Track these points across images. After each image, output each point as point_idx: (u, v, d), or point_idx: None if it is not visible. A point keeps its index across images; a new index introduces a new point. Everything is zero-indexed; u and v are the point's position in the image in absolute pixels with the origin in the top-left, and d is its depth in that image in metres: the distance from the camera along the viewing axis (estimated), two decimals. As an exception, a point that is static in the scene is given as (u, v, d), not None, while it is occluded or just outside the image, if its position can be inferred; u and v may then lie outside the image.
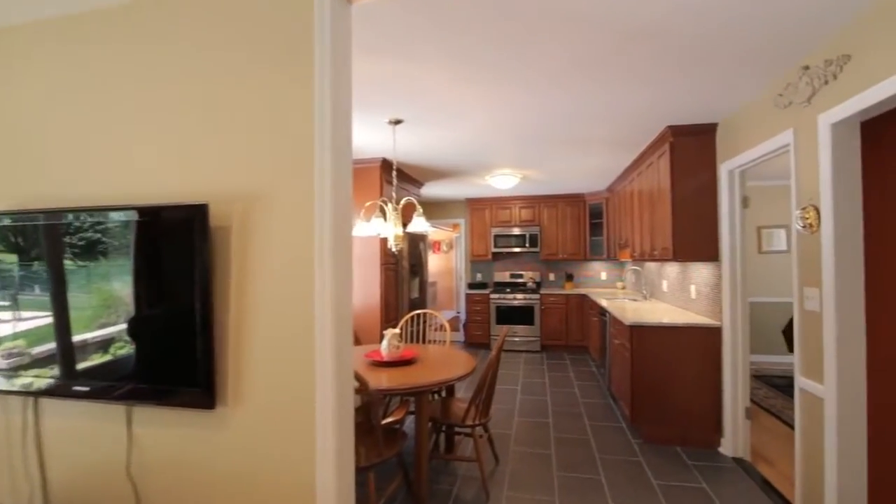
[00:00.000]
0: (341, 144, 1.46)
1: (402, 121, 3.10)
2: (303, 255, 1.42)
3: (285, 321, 1.44)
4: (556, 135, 3.53)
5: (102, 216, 1.53)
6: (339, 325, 1.42)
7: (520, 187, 6.13)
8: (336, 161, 1.42)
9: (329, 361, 1.39)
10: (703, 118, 3.17)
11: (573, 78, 2.43)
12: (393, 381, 2.44)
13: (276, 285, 1.45)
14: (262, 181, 1.47)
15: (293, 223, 1.43)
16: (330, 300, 1.39)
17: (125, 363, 1.55)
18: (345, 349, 1.45)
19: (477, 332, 6.74)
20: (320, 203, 1.40)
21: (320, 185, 1.40)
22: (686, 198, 3.33)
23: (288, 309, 1.43)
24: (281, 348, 1.44)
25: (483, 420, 2.71)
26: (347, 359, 1.48)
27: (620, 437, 3.42)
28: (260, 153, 1.47)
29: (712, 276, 3.36)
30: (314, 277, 1.40)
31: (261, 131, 1.47)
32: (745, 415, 3.05)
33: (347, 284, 1.48)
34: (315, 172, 1.40)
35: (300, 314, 1.42)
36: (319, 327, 1.39)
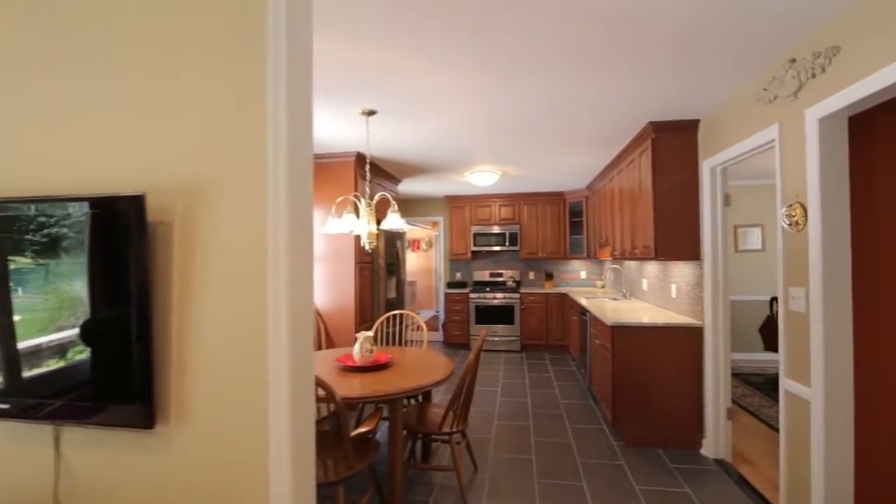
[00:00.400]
0: (299, 129, 1.30)
1: (375, 112, 2.93)
2: (254, 253, 1.25)
3: (236, 328, 1.27)
4: (536, 129, 3.42)
5: (20, 208, 1.33)
6: (296, 330, 1.26)
7: (500, 185, 6.03)
8: (293, 148, 1.26)
9: (284, 372, 1.23)
10: (686, 114, 3.11)
11: (553, 67, 2.32)
12: (365, 388, 2.29)
13: (224, 288, 1.28)
14: (208, 170, 1.29)
15: (244, 217, 1.26)
16: (285, 303, 1.22)
17: (53, 378, 1.36)
18: (303, 357, 1.29)
19: (456, 333, 6.61)
20: (274, 195, 1.23)
21: (274, 175, 1.23)
22: (668, 195, 3.27)
23: (238, 314, 1.27)
24: (231, 358, 1.27)
25: (461, 427, 2.58)
26: (306, 367, 1.32)
27: (602, 439, 3.34)
28: (205, 138, 1.29)
29: (693, 274, 3.31)
30: (267, 278, 1.23)
31: (206, 114, 1.29)
32: (726, 415, 3.00)
33: (306, 286, 1.32)
34: (268, 160, 1.24)
35: (252, 320, 1.25)
36: (273, 334, 1.23)
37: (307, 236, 1.34)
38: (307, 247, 1.33)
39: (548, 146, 3.94)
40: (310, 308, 1.34)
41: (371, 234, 2.82)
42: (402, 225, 2.75)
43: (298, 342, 1.27)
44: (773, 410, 3.93)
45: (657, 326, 3.24)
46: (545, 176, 5.43)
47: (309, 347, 1.34)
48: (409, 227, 2.91)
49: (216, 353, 1.28)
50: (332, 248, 4.13)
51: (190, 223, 1.30)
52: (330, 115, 3.02)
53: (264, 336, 1.24)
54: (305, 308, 1.31)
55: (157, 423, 1.30)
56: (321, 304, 4.14)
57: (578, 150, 4.08)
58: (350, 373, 2.58)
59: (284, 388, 1.23)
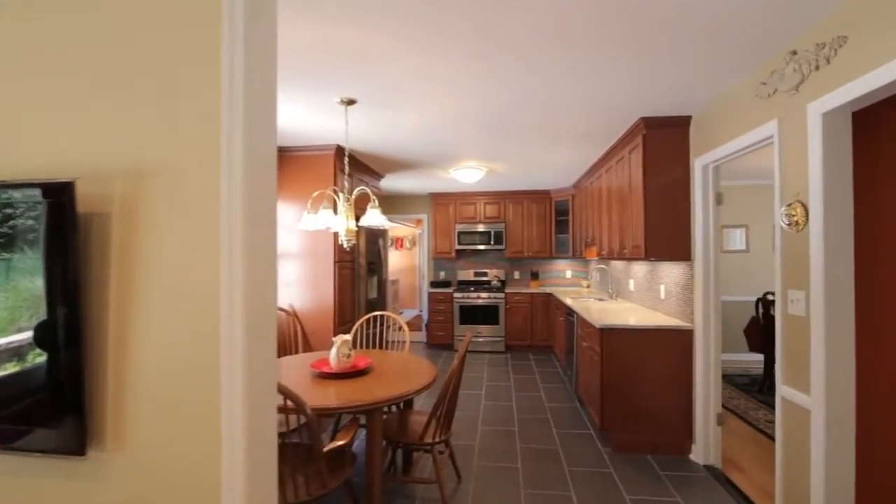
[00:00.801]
0: (259, 111, 1.12)
1: (355, 101, 2.75)
2: (206, 248, 1.08)
3: (184, 334, 1.09)
4: (523, 123, 3.29)
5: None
6: (254, 335, 1.09)
7: (485, 182, 5.89)
8: (251, 132, 1.09)
9: (239, 383, 1.06)
10: (678, 110, 3.01)
11: (541, 53, 2.18)
12: (341, 398, 2.12)
13: (171, 288, 1.10)
14: (153, 156, 1.11)
15: (194, 208, 1.09)
16: (241, 306, 1.05)
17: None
18: (262, 366, 1.12)
19: (440, 333, 6.46)
20: (229, 184, 1.06)
21: (229, 162, 1.06)
22: (659, 194, 3.17)
23: (188, 318, 1.09)
24: (179, 369, 1.09)
25: (444, 436, 2.43)
26: (266, 377, 1.15)
27: (590, 445, 3.23)
28: (150, 121, 1.11)
29: (683, 275, 3.23)
30: (220, 277, 1.06)
31: (151, 94, 1.11)
32: (716, 420, 2.92)
33: (267, 286, 1.15)
34: (223, 145, 1.06)
35: (203, 324, 1.08)
36: (227, 339, 1.06)
37: (268, 230, 1.17)
38: (268, 242, 1.16)
39: (535, 141, 3.81)
40: (271, 311, 1.17)
41: (349, 231, 2.65)
42: (383, 221, 2.58)
43: (257, 349, 1.10)
44: (760, 413, 3.89)
45: (647, 329, 3.14)
46: (531, 173, 5.32)
47: (270, 354, 1.17)
48: (390, 224, 2.74)
49: (161, 362, 1.10)
50: (309, 246, 3.93)
51: (132, 215, 1.12)
52: (307, 104, 2.82)
53: (217, 342, 1.07)
54: (265, 311, 1.14)
55: (90, 448, 1.12)
56: (298, 305, 3.95)
57: (566, 146, 3.97)
58: (325, 380, 2.40)
59: (239, 402, 1.06)
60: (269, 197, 1.17)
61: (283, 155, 3.95)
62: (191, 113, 1.09)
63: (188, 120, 1.09)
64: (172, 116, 1.10)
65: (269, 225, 1.17)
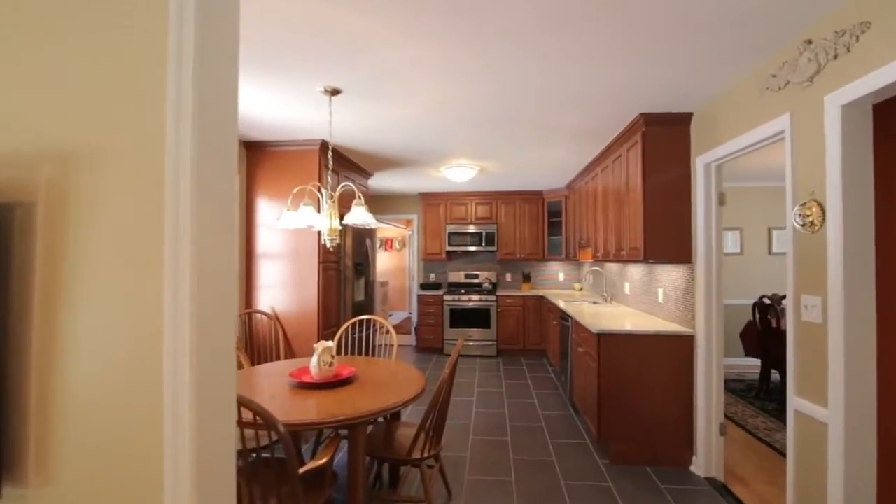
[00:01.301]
0: (215, 84, 0.95)
1: (340, 91, 2.58)
2: (149, 245, 0.90)
3: (122, 344, 0.91)
4: (516, 118, 3.14)
5: None
6: (206, 349, 0.91)
7: (477, 182, 5.74)
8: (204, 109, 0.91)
9: (187, 404, 0.88)
10: (678, 106, 2.89)
11: (535, 40, 2.03)
12: (322, 411, 1.94)
13: (107, 292, 0.92)
14: (84, 133, 0.93)
15: (133, 196, 0.91)
16: (191, 313, 0.88)
17: None
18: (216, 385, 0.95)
19: (429, 336, 6.28)
20: (176, 169, 0.88)
21: (176, 139, 0.88)
22: (658, 194, 3.04)
23: (127, 326, 0.91)
24: (116, 386, 0.91)
25: (433, 451, 2.26)
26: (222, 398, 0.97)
27: (586, 456, 3.08)
28: (82, 88, 0.93)
29: (683, 278, 3.10)
30: (164, 279, 0.88)
31: (80, 55, 0.93)
32: (718, 430, 2.79)
33: (225, 287, 0.98)
34: (168, 122, 0.88)
35: (145, 332, 0.90)
36: (171, 354, 0.88)
37: (225, 226, 0.99)
38: (225, 239, 0.99)
39: (528, 138, 3.67)
40: (229, 318, 1.00)
41: (333, 231, 2.47)
42: (369, 219, 2.41)
43: (210, 362, 0.92)
44: (759, 420, 3.77)
45: (647, 334, 3.00)
46: (524, 173, 5.18)
47: (227, 368, 0.99)
48: (377, 224, 2.57)
49: (95, 379, 0.92)
50: (292, 246, 3.74)
51: (61, 205, 0.94)
52: (288, 93, 2.64)
53: (161, 356, 0.89)
54: (222, 316, 0.96)
55: (6, 484, 0.93)
56: (280, 308, 3.75)
57: (560, 143, 3.83)
58: (305, 390, 2.22)
59: (187, 427, 0.88)
60: (226, 189, 0.99)
61: (265, 150, 3.75)
62: (133, 86, 0.91)
63: (130, 95, 0.91)
64: (111, 90, 0.92)
65: (227, 221, 0.99)
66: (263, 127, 3.32)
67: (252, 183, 3.79)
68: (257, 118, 3.11)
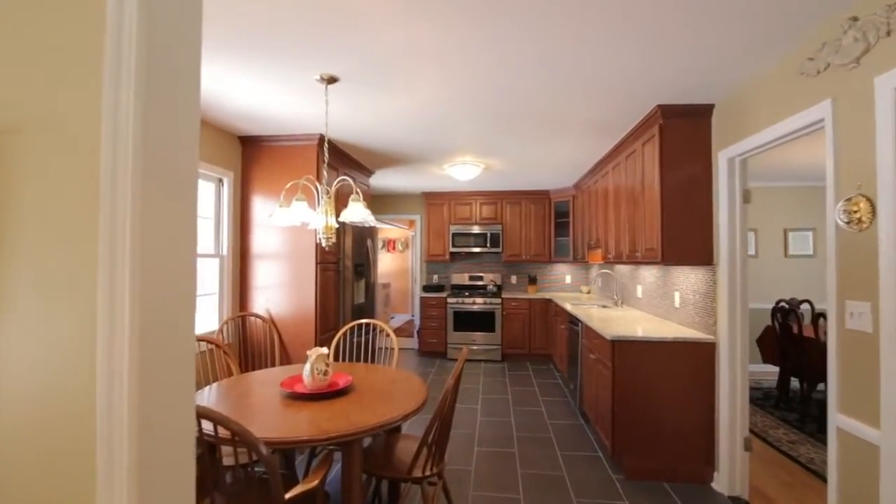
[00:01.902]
0: (168, 32, 0.77)
1: (336, 79, 2.41)
2: (80, 236, 0.72)
3: (44, 363, 0.73)
4: (523, 110, 2.96)
5: None
6: (151, 375, 0.73)
7: (481, 181, 5.57)
8: (151, 69, 0.74)
9: (125, 447, 0.70)
10: (699, 97, 2.70)
11: (546, 23, 1.85)
12: (314, 426, 1.76)
13: (28, 293, 0.74)
14: (7, 98, 0.76)
15: (60, 178, 0.73)
16: (130, 321, 0.70)
17: None
18: (167, 421, 0.77)
19: (432, 340, 6.10)
20: (114, 144, 0.71)
21: (114, 108, 0.71)
22: (677, 191, 2.85)
23: (50, 340, 0.73)
24: (36, 415, 0.73)
25: (436, 469, 2.07)
26: (178, 435, 0.80)
27: (599, 471, 2.89)
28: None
29: (703, 281, 2.91)
30: (98, 280, 0.71)
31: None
32: (743, 445, 2.59)
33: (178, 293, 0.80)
34: (105, 79, 0.71)
35: (75, 348, 0.72)
36: (106, 380, 0.70)
37: (182, 216, 0.81)
38: (182, 233, 0.81)
39: (535, 133, 3.48)
40: (187, 329, 0.82)
41: (329, 229, 2.29)
42: (367, 217, 2.23)
43: (159, 391, 0.75)
44: (780, 432, 3.57)
45: (665, 341, 2.81)
46: (530, 172, 5.00)
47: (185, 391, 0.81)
48: (376, 222, 2.39)
49: (9, 409, 0.74)
50: (289, 246, 3.57)
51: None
52: (281, 81, 2.47)
53: (94, 377, 0.71)
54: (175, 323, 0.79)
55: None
56: (276, 311, 3.58)
57: (569, 138, 3.64)
58: (297, 402, 2.04)
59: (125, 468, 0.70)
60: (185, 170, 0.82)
61: (261, 145, 3.59)
62: (63, 45, 0.73)
63: (58, 58, 0.73)
64: (34, 49, 0.74)
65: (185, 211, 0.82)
66: (258, 120, 3.16)
67: (247, 180, 3.62)
68: (251, 109, 2.95)
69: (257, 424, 1.76)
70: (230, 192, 3.48)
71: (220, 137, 3.36)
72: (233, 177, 3.51)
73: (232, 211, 3.50)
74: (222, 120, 3.15)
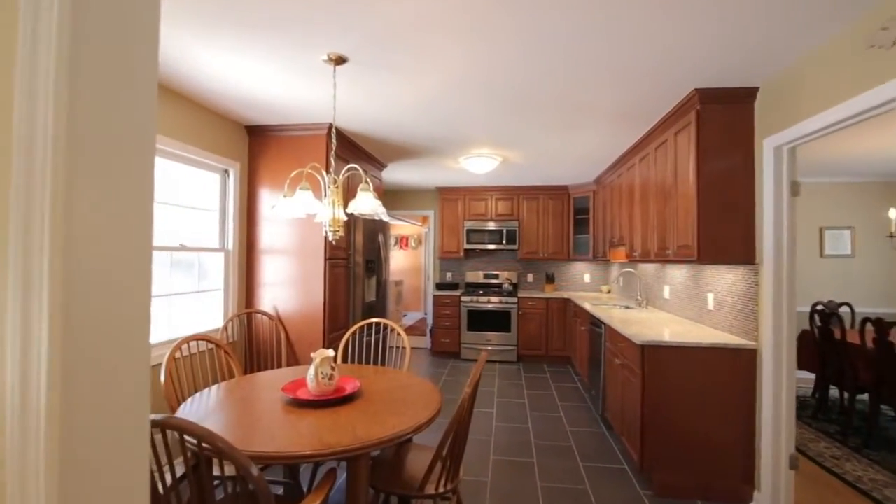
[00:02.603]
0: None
1: (345, 59, 2.22)
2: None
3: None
4: (543, 96, 2.74)
5: None
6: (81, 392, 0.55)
7: (497, 176, 5.35)
8: None
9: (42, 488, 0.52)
10: (741, 79, 2.45)
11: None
12: (315, 438, 1.58)
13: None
14: None
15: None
16: (49, 336, 0.52)
17: None
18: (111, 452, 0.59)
19: (445, 340, 5.91)
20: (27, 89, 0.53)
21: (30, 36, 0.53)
22: (715, 184, 2.61)
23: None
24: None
25: (451, 485, 1.88)
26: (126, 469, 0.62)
27: (626, 486, 2.67)
28: None
29: (742, 282, 2.66)
30: (6, 282, 0.53)
31: None
32: (789, 463, 2.35)
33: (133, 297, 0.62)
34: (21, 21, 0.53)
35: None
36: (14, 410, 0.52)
37: (131, 199, 0.63)
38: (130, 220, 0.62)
39: (556, 121, 3.26)
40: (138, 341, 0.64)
41: (336, 222, 2.11)
42: (377, 208, 2.05)
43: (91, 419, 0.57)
44: (822, 446, 3.30)
45: (700, 347, 2.58)
46: (549, 165, 4.77)
47: (136, 423, 0.63)
48: (387, 216, 2.21)
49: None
50: (297, 240, 3.41)
51: None
52: (286, 62, 2.30)
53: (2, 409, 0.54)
54: (122, 344, 0.60)
55: None
56: (283, 308, 3.43)
57: (593, 128, 3.41)
58: (299, 409, 1.87)
59: None
60: (137, 126, 0.63)
61: (268, 135, 3.44)
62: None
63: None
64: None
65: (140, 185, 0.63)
66: (265, 107, 3.00)
67: (254, 171, 3.48)
68: (257, 96, 2.78)
69: (253, 435, 1.59)
70: (236, 184, 3.33)
71: (226, 126, 3.22)
72: (239, 168, 3.36)
73: (238, 204, 3.35)
74: (227, 107, 3.00)
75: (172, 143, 2.70)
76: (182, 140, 2.79)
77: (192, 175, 3.02)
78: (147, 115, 0.64)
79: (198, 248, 3.05)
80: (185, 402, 1.96)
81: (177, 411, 1.86)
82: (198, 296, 3.08)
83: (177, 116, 2.75)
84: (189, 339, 2.25)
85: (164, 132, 2.65)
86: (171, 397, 2.03)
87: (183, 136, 2.80)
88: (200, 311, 3.11)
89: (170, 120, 2.69)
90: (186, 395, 2.44)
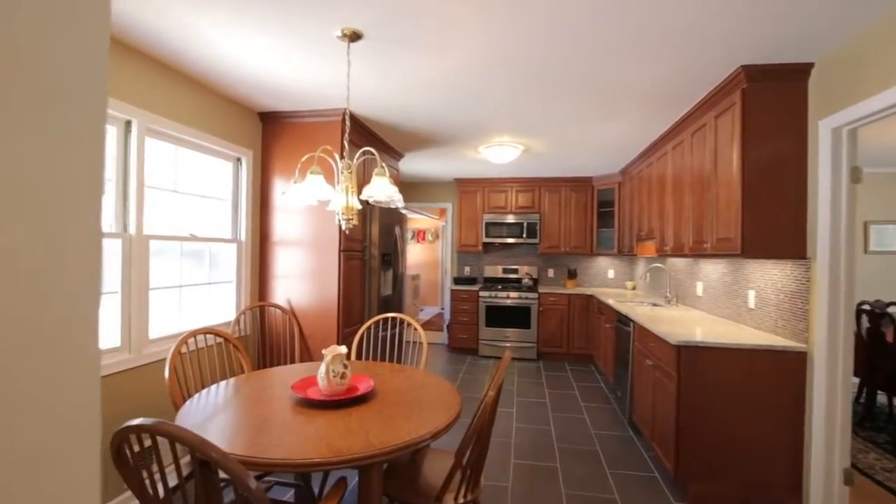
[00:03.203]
0: None
1: (360, 35, 2.07)
2: None
3: None
4: (572, 76, 2.55)
5: None
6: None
7: (518, 167, 5.16)
8: None
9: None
10: (793, 54, 2.22)
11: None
12: (324, 444, 1.45)
13: None
14: None
15: None
16: None
17: None
18: None
19: (463, 336, 5.77)
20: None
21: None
22: (761, 171, 2.38)
23: None
24: None
25: (472, 496, 1.74)
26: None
27: (658, 497, 2.48)
28: None
29: (791, 278, 2.43)
30: None
31: None
32: (843, 478, 2.13)
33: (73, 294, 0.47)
34: None
35: None
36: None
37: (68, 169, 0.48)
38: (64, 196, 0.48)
39: (583, 105, 3.05)
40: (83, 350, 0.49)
41: (349, 209, 1.97)
42: (392, 194, 1.90)
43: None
44: (871, 457, 3.04)
45: (743, 349, 2.36)
46: (572, 155, 4.55)
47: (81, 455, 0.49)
48: (403, 204, 2.06)
49: None
50: (311, 231, 3.29)
51: None
52: (297, 38, 2.16)
53: None
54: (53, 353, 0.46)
55: None
56: (297, 301, 3.32)
57: (622, 111, 3.19)
58: (309, 410, 1.74)
59: None
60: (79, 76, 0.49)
61: (282, 122, 3.32)
62: None
63: None
64: None
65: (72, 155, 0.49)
66: (278, 92, 2.87)
67: (268, 159, 3.37)
68: (270, 78, 2.66)
69: (257, 439, 1.47)
70: (249, 173, 3.22)
71: (238, 112, 3.11)
72: (251, 156, 3.25)
73: (251, 193, 3.25)
74: (240, 92, 2.89)
75: (184, 129, 2.60)
76: (194, 126, 2.69)
77: (204, 163, 2.92)
78: (97, 61, 0.49)
79: (209, 239, 2.95)
80: (190, 398, 1.85)
81: (181, 408, 1.75)
82: (209, 288, 3.00)
83: (189, 102, 2.65)
84: (196, 333, 2.15)
85: (176, 118, 2.55)
86: (175, 394, 1.92)
87: (195, 122, 2.70)
88: (212, 303, 3.02)
89: (182, 105, 2.59)
90: (193, 391, 2.35)
